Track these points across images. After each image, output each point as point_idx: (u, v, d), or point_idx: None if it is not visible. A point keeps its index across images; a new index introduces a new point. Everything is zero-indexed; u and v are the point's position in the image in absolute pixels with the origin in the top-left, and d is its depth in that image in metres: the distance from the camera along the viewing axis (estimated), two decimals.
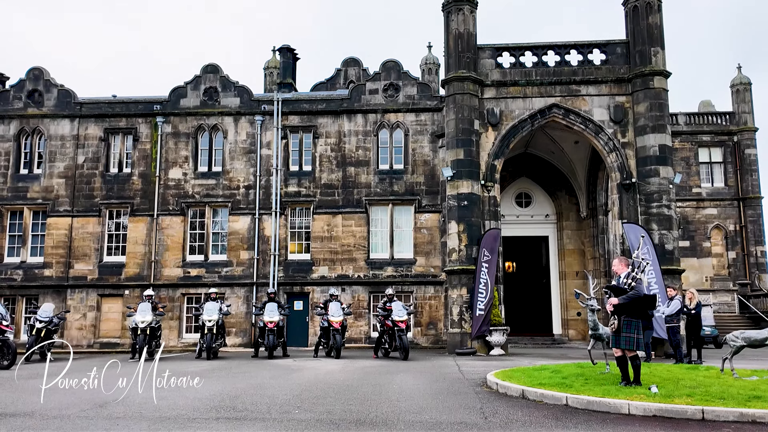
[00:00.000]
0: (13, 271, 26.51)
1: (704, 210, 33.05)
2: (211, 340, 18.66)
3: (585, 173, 26.66)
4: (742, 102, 33.84)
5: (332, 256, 25.83)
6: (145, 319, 18.86)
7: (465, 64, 22.31)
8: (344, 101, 27.00)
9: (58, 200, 26.83)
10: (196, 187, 26.69)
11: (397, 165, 26.48)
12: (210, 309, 19.07)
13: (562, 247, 28.06)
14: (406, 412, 8.35)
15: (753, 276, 32.11)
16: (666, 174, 21.28)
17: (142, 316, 18.93)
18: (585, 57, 22.72)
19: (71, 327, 25.72)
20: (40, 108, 27.52)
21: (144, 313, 19.00)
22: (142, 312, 19.06)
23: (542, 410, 8.49)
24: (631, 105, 22.02)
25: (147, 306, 19.37)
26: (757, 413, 7.55)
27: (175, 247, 26.30)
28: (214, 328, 18.84)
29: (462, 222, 21.49)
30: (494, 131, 22.35)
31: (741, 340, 10.99)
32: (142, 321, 18.83)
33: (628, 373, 9.65)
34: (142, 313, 18.99)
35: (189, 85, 27.41)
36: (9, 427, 7.24)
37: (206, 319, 18.85)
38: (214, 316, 18.87)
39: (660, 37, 22.07)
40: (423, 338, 25.02)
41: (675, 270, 20.77)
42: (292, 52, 34.77)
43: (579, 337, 26.63)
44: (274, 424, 7.44)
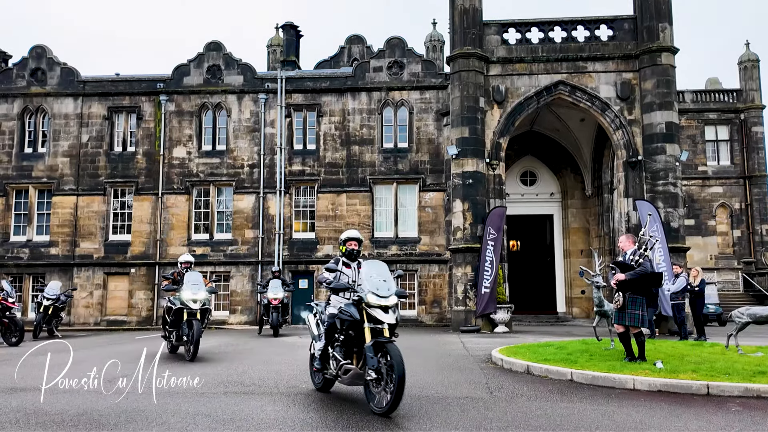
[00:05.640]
0: (19, 250, 26.65)
1: (710, 188, 32.89)
2: (277, 318, 18.37)
3: (590, 151, 26.52)
4: (749, 79, 33.49)
5: (337, 234, 25.83)
6: (277, 295, 18.54)
7: (470, 40, 22.08)
8: (348, 79, 26.82)
9: (63, 179, 26.87)
10: (200, 166, 26.68)
11: (402, 143, 26.38)
12: (275, 287, 18.78)
13: (567, 225, 28.03)
14: (412, 386, 8.39)
15: (758, 254, 32.06)
16: (672, 151, 21.15)
17: (273, 293, 18.60)
18: (592, 33, 22.47)
19: (78, 305, 25.91)
20: (44, 86, 27.43)
21: (276, 290, 18.67)
22: (273, 289, 18.73)
23: (547, 385, 8.53)
24: (638, 82, 21.81)
25: (277, 282, 19.06)
26: (762, 388, 7.57)
27: (180, 226, 26.37)
28: (280, 307, 18.59)
29: (467, 200, 21.45)
30: (499, 109, 22.19)
31: (746, 317, 11.00)
32: (274, 297, 18.51)
33: (632, 349, 9.69)
34: (274, 290, 18.66)
35: (192, 63, 27.26)
36: (20, 401, 7.34)
37: (272, 297, 18.55)
38: (280, 294, 18.58)
39: (668, 13, 21.78)
40: (427, 316, 25.13)
41: (680, 248, 20.74)
42: (296, 30, 34.50)
43: (583, 315, 26.70)
44: (282, 398, 7.50)
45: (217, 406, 6.95)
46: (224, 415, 6.47)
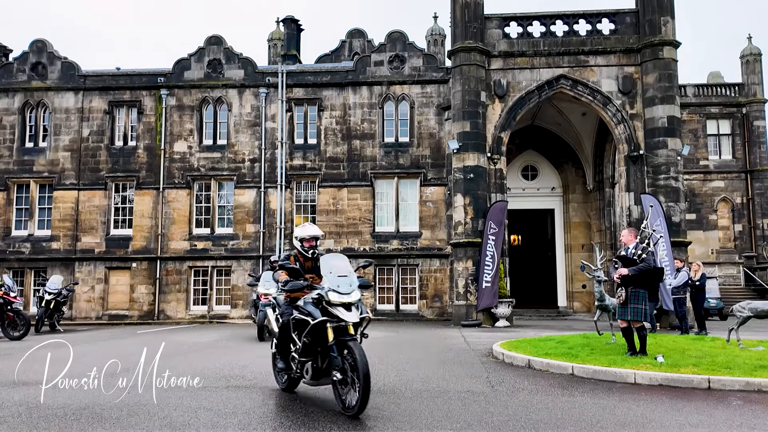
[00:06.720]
0: (21, 244, 26.68)
1: (711, 183, 32.85)
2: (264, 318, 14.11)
3: (592, 145, 26.49)
4: (751, 73, 33.39)
5: (338, 229, 25.86)
6: (269, 291, 15.08)
7: (472, 34, 22.02)
8: (349, 73, 26.76)
9: (64, 173, 26.86)
10: (201, 161, 26.66)
11: (403, 138, 26.34)
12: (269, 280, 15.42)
13: (568, 219, 28.03)
14: (413, 380, 8.42)
15: (759, 249, 32.04)
16: (674, 146, 21.11)
17: (265, 287, 15.58)
18: (594, 27, 22.39)
19: (80, 299, 25.95)
20: (44, 81, 27.39)
21: (269, 285, 15.38)
22: (266, 283, 15.65)
23: (548, 379, 8.55)
24: (640, 76, 21.75)
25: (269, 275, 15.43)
26: (763, 382, 7.58)
27: (181, 221, 26.37)
28: None
29: (468, 195, 21.43)
30: (501, 103, 22.14)
31: (748, 311, 11.01)
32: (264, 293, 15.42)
33: (634, 343, 9.70)
34: (266, 285, 15.57)
35: (193, 57, 27.20)
36: (23, 395, 7.36)
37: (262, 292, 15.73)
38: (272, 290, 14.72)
39: (670, 6, 21.70)
40: (428, 311, 25.15)
41: (682, 242, 20.74)
42: (297, 23, 34.41)
43: (584, 309, 26.73)
44: (284, 392, 7.51)
45: (219, 400, 6.97)
46: (226, 409, 6.49)
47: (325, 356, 6.40)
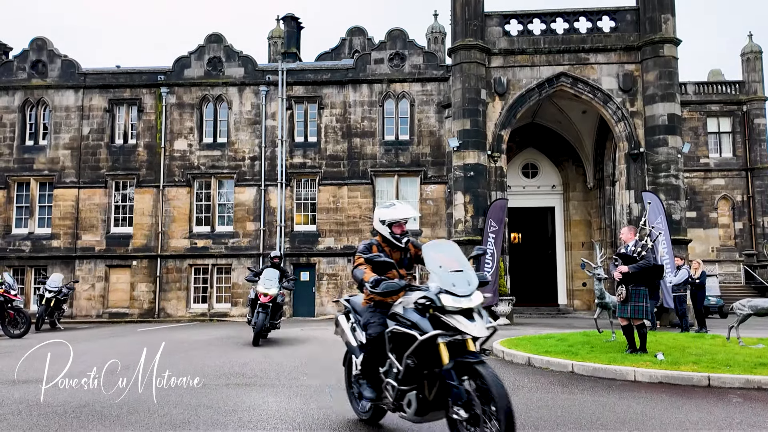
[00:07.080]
0: (21, 242, 26.68)
1: (712, 180, 32.80)
2: (264, 321, 12.89)
3: (592, 143, 26.47)
4: (752, 71, 33.32)
5: (338, 227, 25.86)
6: (268, 291, 13.11)
7: (472, 32, 21.99)
8: (349, 71, 26.74)
9: (64, 171, 26.86)
10: (201, 159, 26.65)
11: (403, 136, 26.32)
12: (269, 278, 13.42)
13: (569, 217, 28.02)
14: None
15: (760, 246, 32.03)
16: (674, 143, 21.09)
17: (264, 286, 13.22)
18: (594, 24, 22.37)
19: (80, 297, 25.97)
20: (44, 79, 27.38)
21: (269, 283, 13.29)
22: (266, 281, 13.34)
23: (548, 377, 8.55)
24: (641, 73, 21.73)
25: (274, 273, 13.58)
26: (763, 380, 7.57)
27: (181, 219, 26.37)
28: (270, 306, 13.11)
29: (468, 193, 21.43)
30: (501, 101, 22.13)
31: (748, 309, 10.99)
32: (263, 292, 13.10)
33: (635, 341, 9.70)
34: (266, 283, 13.29)
35: (193, 55, 27.18)
36: (23, 392, 7.37)
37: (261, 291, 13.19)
38: (273, 290, 13.19)
39: (670, 4, 21.68)
40: None
41: (682, 240, 20.73)
42: (297, 21, 34.38)
43: (584, 307, 26.73)
44: (283, 390, 7.51)
45: (219, 398, 6.97)
46: (226, 407, 6.49)
47: (433, 383, 4.52)
